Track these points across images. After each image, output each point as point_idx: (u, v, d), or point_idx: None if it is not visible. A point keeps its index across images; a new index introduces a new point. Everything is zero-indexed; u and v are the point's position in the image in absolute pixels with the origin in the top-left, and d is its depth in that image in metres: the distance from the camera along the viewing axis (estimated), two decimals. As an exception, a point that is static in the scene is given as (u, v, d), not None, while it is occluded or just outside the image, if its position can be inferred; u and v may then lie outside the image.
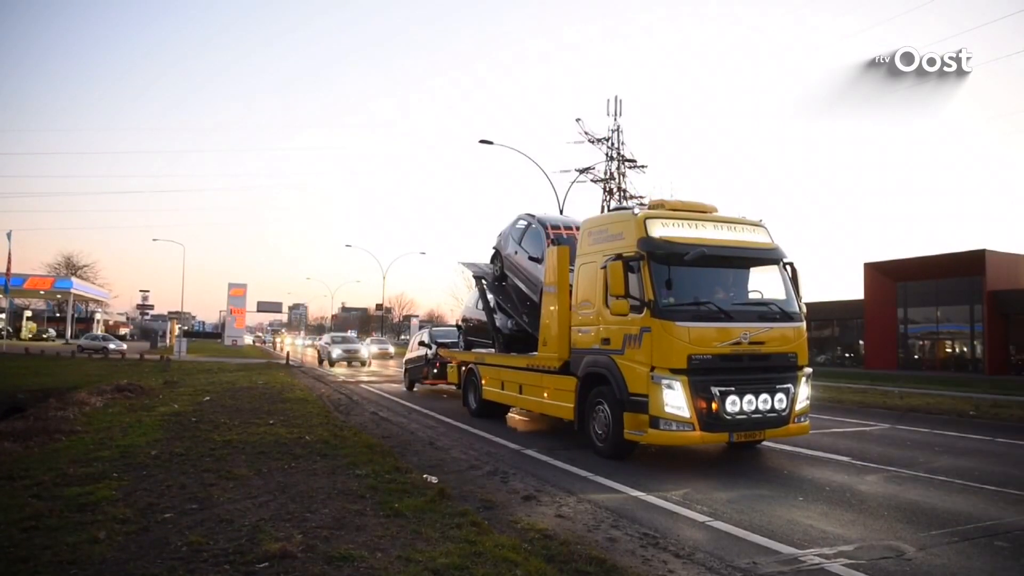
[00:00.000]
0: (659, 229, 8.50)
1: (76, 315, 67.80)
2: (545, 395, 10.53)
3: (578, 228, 11.16)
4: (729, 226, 9.00)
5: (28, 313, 66.19)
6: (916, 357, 39.14)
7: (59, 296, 62.79)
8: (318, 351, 40.59)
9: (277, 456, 8.31)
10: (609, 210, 57.94)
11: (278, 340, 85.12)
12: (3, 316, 46.78)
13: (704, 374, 7.98)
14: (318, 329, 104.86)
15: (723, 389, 7.98)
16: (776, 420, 8.32)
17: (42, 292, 59.27)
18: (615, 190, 56.45)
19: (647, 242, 8.39)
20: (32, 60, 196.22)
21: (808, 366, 8.91)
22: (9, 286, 42.00)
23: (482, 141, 29.43)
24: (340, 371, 30.75)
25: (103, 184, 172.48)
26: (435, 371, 17.83)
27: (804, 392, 8.71)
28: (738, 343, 8.23)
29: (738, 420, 8.06)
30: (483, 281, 14.04)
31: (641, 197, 52.47)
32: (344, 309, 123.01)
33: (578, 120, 56.03)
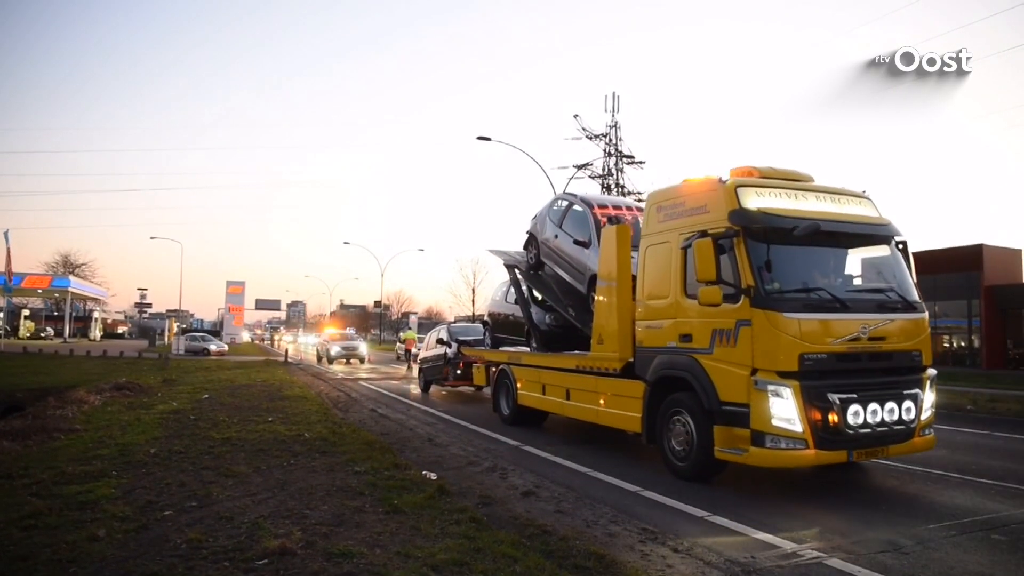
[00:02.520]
0: (754, 199, 7.02)
1: (74, 314, 67.70)
2: (601, 402, 9.02)
3: (629, 208, 10.42)
4: (833, 197, 7.54)
5: (26, 312, 66.08)
6: (914, 352, 39.05)
7: (57, 295, 62.65)
8: (317, 349, 40.65)
9: (276, 453, 8.32)
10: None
11: (276, 337, 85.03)
12: (1, 315, 46.66)
13: (819, 378, 6.53)
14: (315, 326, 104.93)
15: (843, 397, 6.50)
16: (902, 433, 6.87)
17: (40, 291, 59.12)
18: (613, 186, 56.40)
19: (742, 215, 6.89)
20: (31, 59, 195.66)
21: (931, 367, 7.44)
22: (10, 284, 41.88)
23: (480, 138, 29.40)
24: (338, 368, 30.76)
25: (101, 182, 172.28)
26: (458, 372, 16.23)
27: (930, 399, 7.24)
28: (856, 339, 6.77)
29: (861, 435, 6.59)
30: (516, 270, 12.64)
31: (639, 193, 52.50)
32: (342, 306, 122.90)
33: (576, 116, 55.98)
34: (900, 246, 7.70)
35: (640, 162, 56.85)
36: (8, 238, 40.70)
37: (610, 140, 56.38)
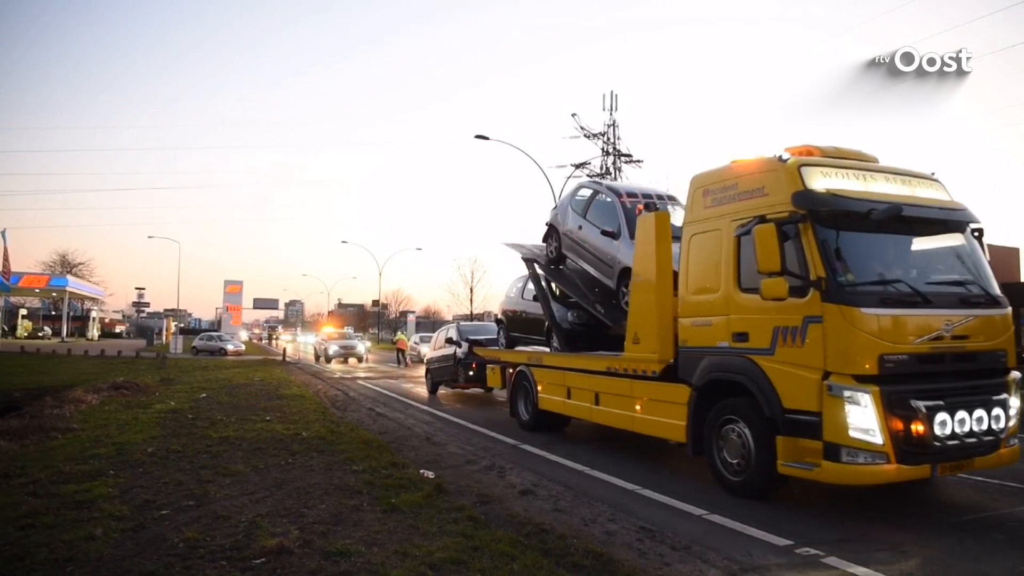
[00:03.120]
0: (819, 180, 6.28)
1: (72, 313, 67.62)
2: (637, 408, 8.18)
3: (659, 197, 9.70)
4: (903, 179, 6.79)
5: (23, 311, 65.97)
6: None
7: (54, 294, 62.56)
8: (315, 348, 40.67)
9: (274, 452, 8.31)
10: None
11: (274, 337, 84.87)
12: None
13: (900, 382, 5.76)
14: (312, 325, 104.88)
15: (929, 404, 5.70)
16: (989, 444, 6.06)
17: (37, 290, 59.07)
18: (611, 185, 56.33)
19: (808, 197, 6.12)
20: (30, 59, 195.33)
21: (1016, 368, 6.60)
22: (8, 284, 41.81)
23: (478, 136, 29.44)
24: (337, 367, 30.75)
25: (98, 181, 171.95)
26: (470, 373, 15.22)
27: (1015, 404, 6.38)
28: (938, 338, 5.99)
29: (948, 447, 5.80)
30: (535, 265, 11.84)
31: (637, 192, 52.40)
32: (340, 305, 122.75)
33: (574, 115, 55.91)
34: (976, 233, 6.91)
35: (638, 161, 56.78)
36: (5, 237, 40.64)
37: (608, 139, 56.36)
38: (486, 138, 29.51)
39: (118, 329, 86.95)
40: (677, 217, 8.32)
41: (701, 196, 7.41)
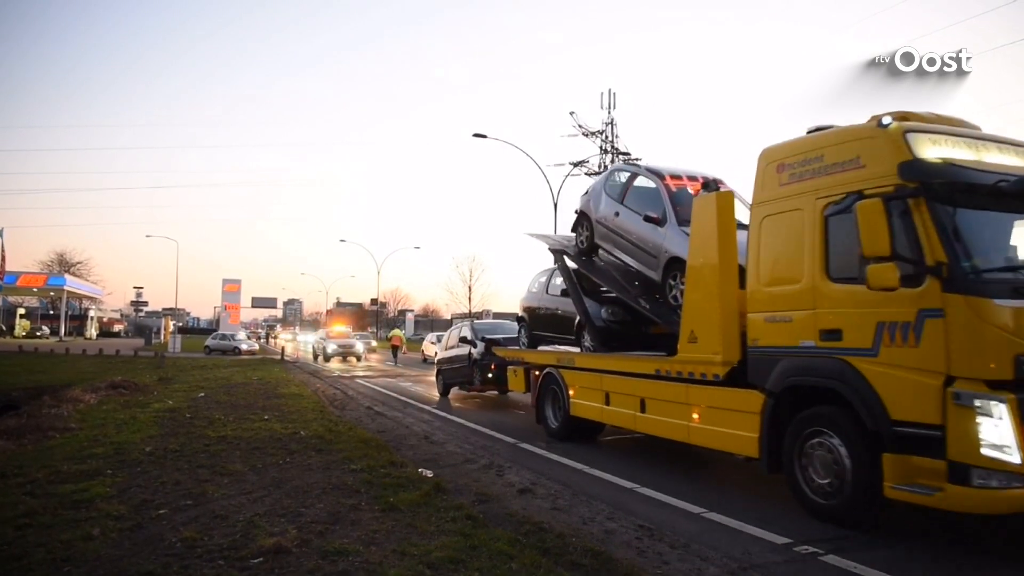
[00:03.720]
0: (930, 148, 5.37)
1: (70, 312, 67.52)
2: (694, 417, 7.23)
3: (706, 179, 8.58)
4: (1016, 150, 5.84)
5: (21, 311, 65.89)
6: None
7: (52, 293, 62.46)
8: (313, 347, 40.64)
9: (272, 451, 8.30)
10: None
11: (273, 336, 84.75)
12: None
13: None
14: (312, 324, 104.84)
15: None
16: None
17: (35, 289, 59.02)
18: (609, 183, 56.40)
19: (920, 168, 5.22)
20: (28, 57, 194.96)
21: None
22: (3, 284, 41.78)
23: (476, 135, 29.42)
24: (335, 366, 30.74)
25: (96, 181, 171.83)
26: (488, 376, 14.14)
27: None
28: None
29: None
30: (564, 256, 10.93)
31: (635, 190, 52.47)
32: (339, 304, 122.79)
33: (572, 113, 56.12)
34: None
35: (636, 159, 56.91)
36: (2, 236, 40.60)
37: (606, 137, 56.46)
38: (484, 136, 29.51)
39: (116, 328, 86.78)
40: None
41: (774, 172, 6.41)
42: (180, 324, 70.24)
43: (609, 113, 56.39)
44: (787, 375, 6.05)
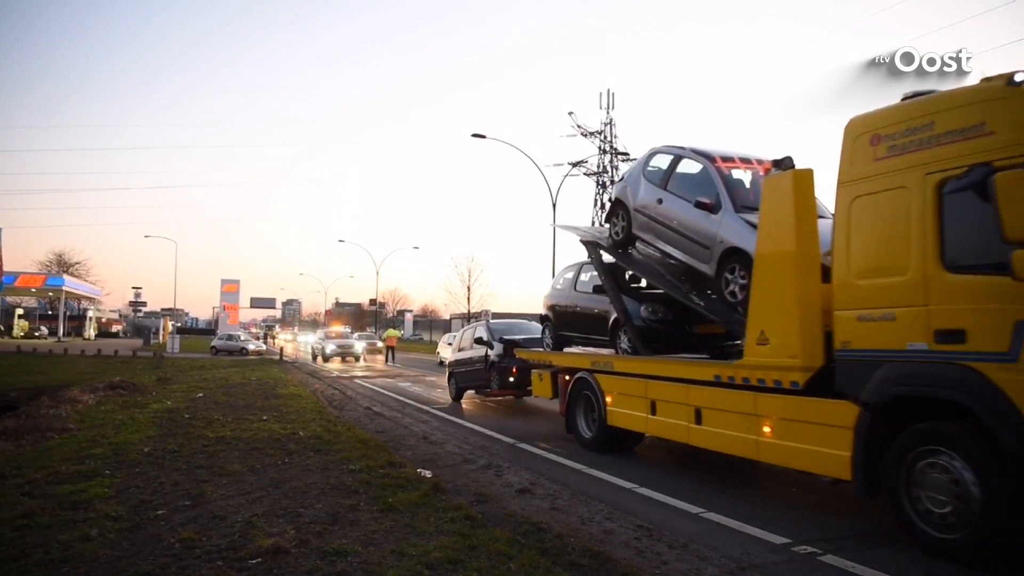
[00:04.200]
0: None
1: (68, 313, 67.45)
2: (765, 430, 6.25)
3: (760, 162, 7.85)
4: None
5: (20, 311, 65.80)
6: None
7: (51, 294, 62.39)
8: (312, 347, 40.65)
9: (270, 452, 8.29)
10: (601, 204, 57.41)
11: (271, 336, 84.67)
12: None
13: None
14: (312, 324, 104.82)
15: None
16: None
17: (34, 290, 58.91)
18: (608, 183, 56.51)
19: None
20: (27, 58, 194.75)
21: None
22: (2, 284, 41.72)
23: (475, 135, 29.46)
24: (334, 367, 30.73)
25: (96, 181, 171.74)
26: (509, 380, 13.09)
27: None
28: None
29: None
30: (598, 248, 9.99)
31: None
32: (338, 304, 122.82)
33: (571, 113, 56.25)
34: None
35: (635, 159, 56.98)
36: (0, 236, 40.54)
37: (605, 137, 56.55)
38: (483, 137, 29.52)
39: (115, 328, 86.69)
40: None
41: (867, 145, 5.56)
42: (179, 324, 70.18)
43: (608, 113, 56.52)
44: (891, 384, 5.15)
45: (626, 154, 56.61)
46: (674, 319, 8.61)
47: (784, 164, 6.48)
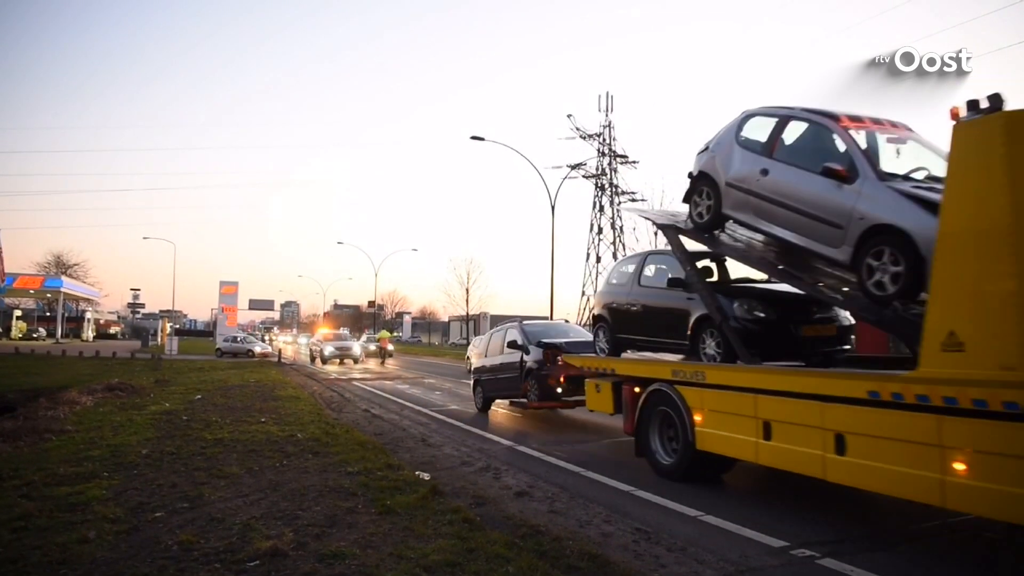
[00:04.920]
0: None
1: (66, 314, 67.38)
2: (956, 467, 4.66)
3: (892, 124, 6.72)
4: None
5: (18, 312, 65.74)
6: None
7: (49, 295, 62.35)
8: (310, 349, 40.63)
9: (268, 454, 8.29)
10: (600, 207, 57.49)
11: (269, 338, 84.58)
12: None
13: None
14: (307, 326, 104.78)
15: None
16: None
17: (32, 291, 58.83)
18: (607, 186, 56.55)
19: None
20: (26, 59, 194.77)
21: None
22: (3, 285, 41.68)
23: (473, 137, 29.47)
24: (332, 368, 30.72)
25: (93, 182, 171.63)
26: (557, 390, 11.31)
27: None
28: None
29: None
30: (679, 233, 8.38)
31: (633, 193, 52.67)
32: (336, 306, 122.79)
33: (569, 116, 56.12)
34: None
35: (634, 162, 56.97)
36: (-1, 238, 40.50)
37: (604, 139, 56.54)
38: (482, 139, 29.53)
39: (113, 330, 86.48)
40: (912, 154, 6.20)
41: None
42: (177, 326, 70.07)
43: (607, 116, 56.51)
44: None
45: (625, 156, 56.67)
46: (775, 319, 7.19)
47: (991, 104, 4.90)
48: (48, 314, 71.80)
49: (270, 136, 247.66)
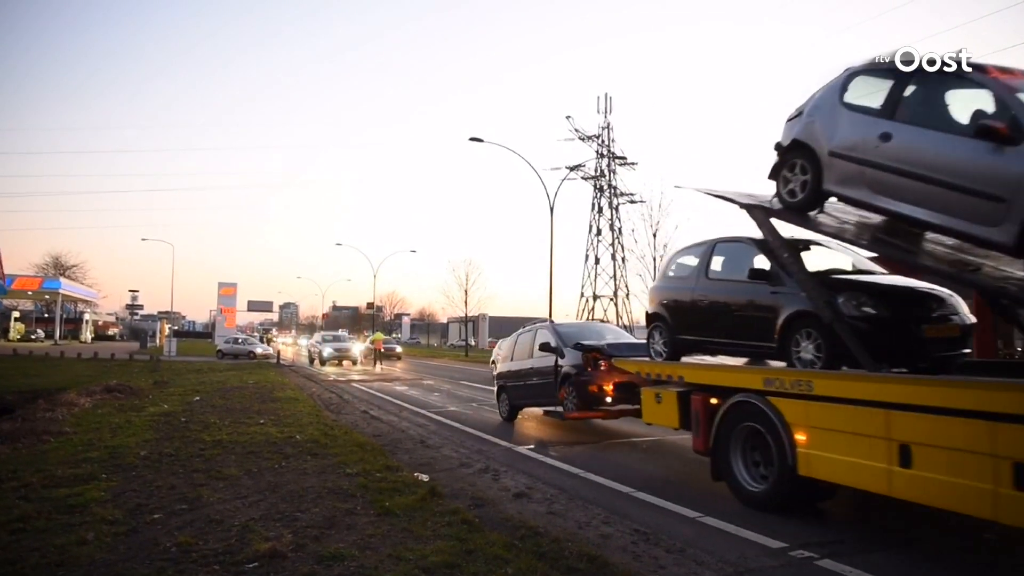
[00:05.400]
0: None
1: (65, 315, 67.35)
2: None
3: None
4: None
5: (16, 314, 65.68)
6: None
7: (47, 297, 62.35)
8: (308, 350, 40.63)
9: (267, 456, 8.29)
10: (599, 208, 57.45)
11: (268, 339, 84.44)
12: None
13: None
14: (309, 328, 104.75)
15: None
16: None
17: (30, 293, 58.79)
18: (606, 187, 56.61)
19: None
20: (26, 59, 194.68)
21: None
22: (4, 285, 41.63)
23: (472, 139, 29.47)
24: (331, 370, 30.71)
25: (92, 184, 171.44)
26: (607, 399, 10.00)
27: None
28: None
29: None
30: (768, 214, 6.98)
31: (632, 194, 52.73)
32: (335, 308, 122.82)
33: (568, 117, 56.17)
34: None
35: (632, 163, 57.08)
36: (-3, 240, 40.42)
37: (602, 141, 56.63)
38: (480, 140, 29.53)
39: (111, 331, 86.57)
40: None
41: None
42: (175, 328, 70.06)
43: (605, 117, 56.61)
44: None
45: (624, 158, 56.71)
46: (891, 317, 5.98)
47: None
48: (46, 315, 71.80)
49: (269, 137, 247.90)
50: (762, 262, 6.96)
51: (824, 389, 5.78)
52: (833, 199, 6.62)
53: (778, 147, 6.95)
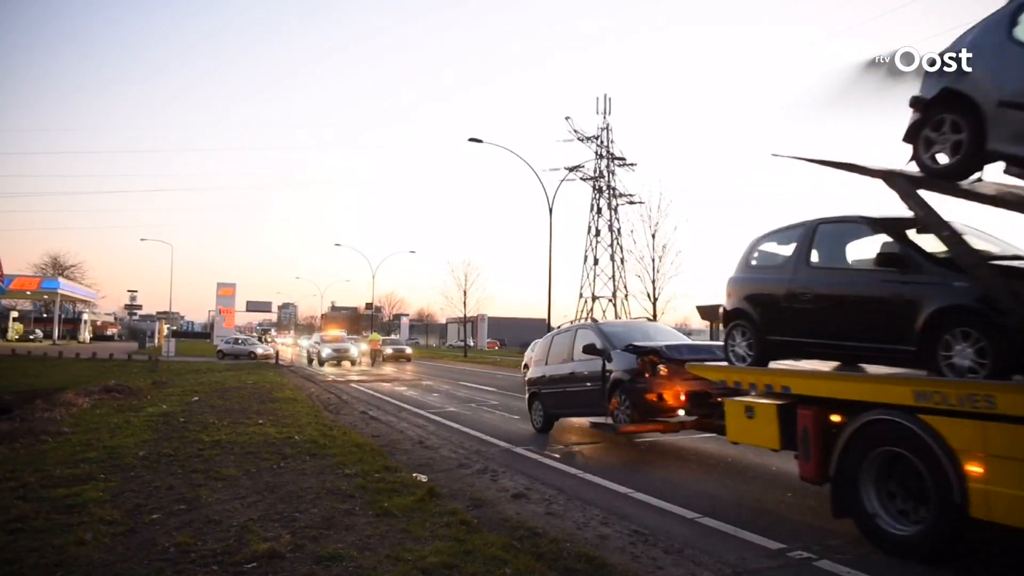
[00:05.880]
0: None
1: (63, 316, 67.30)
2: None
3: None
4: None
5: (15, 314, 65.64)
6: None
7: (46, 297, 62.31)
8: (307, 351, 40.68)
9: (266, 456, 8.28)
10: (598, 209, 57.51)
11: (267, 340, 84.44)
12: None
13: None
14: (307, 328, 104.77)
15: None
16: None
17: (29, 293, 58.77)
18: (605, 188, 56.66)
19: None
20: (25, 60, 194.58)
21: None
22: (2, 285, 41.61)
23: (471, 139, 29.51)
24: (330, 370, 30.71)
25: (91, 184, 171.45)
26: (658, 406, 8.70)
27: None
28: None
29: None
30: (913, 183, 5.67)
31: (631, 195, 52.75)
32: (334, 308, 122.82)
33: (568, 118, 56.25)
34: None
35: (632, 164, 57.17)
36: (-4, 240, 40.41)
37: (601, 142, 56.72)
38: (480, 141, 29.56)
39: (110, 332, 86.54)
40: None
41: None
42: (174, 328, 70.01)
43: (604, 118, 56.69)
44: None
45: (623, 158, 56.79)
46: None
47: None
48: (45, 316, 71.74)
49: (268, 138, 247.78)
50: (892, 246, 5.57)
51: (1014, 407, 4.35)
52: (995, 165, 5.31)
53: (917, 102, 5.85)
